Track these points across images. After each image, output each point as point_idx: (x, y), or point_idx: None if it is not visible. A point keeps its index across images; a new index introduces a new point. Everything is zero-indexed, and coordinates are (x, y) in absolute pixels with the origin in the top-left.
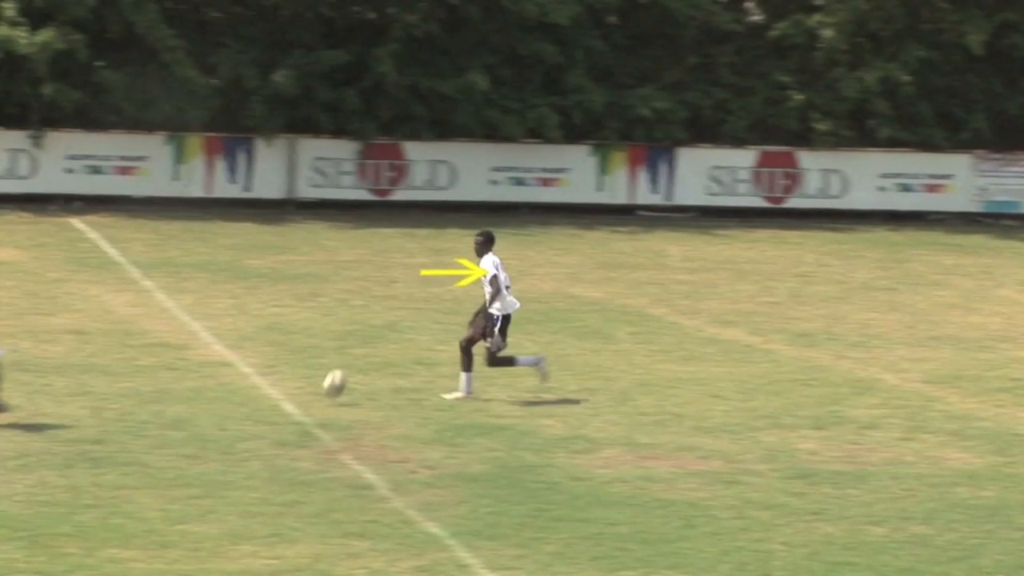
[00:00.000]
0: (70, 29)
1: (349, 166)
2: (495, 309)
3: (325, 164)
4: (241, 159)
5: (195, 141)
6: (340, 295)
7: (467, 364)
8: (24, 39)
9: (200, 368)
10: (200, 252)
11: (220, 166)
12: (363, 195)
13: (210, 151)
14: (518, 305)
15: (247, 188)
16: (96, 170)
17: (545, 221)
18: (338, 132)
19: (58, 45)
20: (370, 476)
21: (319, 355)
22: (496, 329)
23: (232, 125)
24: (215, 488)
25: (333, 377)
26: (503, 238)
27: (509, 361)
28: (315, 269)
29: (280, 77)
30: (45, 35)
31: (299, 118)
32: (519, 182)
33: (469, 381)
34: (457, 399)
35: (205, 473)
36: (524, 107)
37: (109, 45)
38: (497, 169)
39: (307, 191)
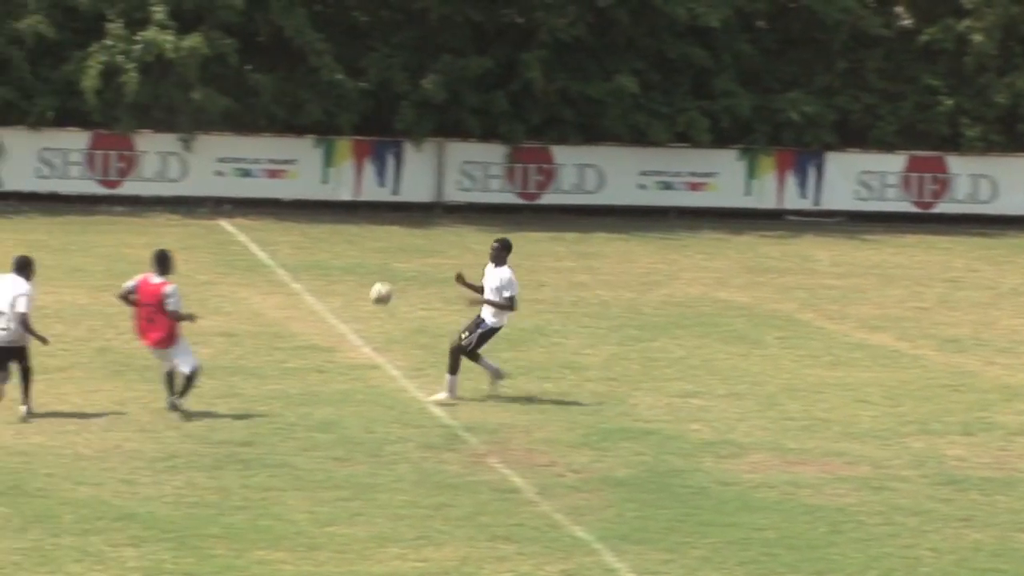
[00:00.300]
0: (219, 33)
1: (497, 170)
2: (491, 319)
3: (473, 168)
4: (390, 162)
5: (344, 144)
6: None
7: (454, 367)
8: (171, 44)
9: (348, 371)
10: (349, 255)
11: (369, 169)
12: (511, 199)
13: (359, 154)
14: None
15: (395, 191)
16: (246, 173)
17: (692, 225)
18: (486, 136)
19: (205, 50)
20: (517, 480)
21: (466, 359)
22: (478, 334)
23: (381, 129)
24: (363, 490)
25: (380, 290)
26: (650, 242)
27: (475, 357)
28: (463, 272)
29: (429, 82)
30: (193, 40)
31: (448, 122)
32: (667, 186)
33: (454, 384)
34: (441, 401)
35: (353, 475)
36: (673, 111)
37: (259, 48)
38: (645, 173)
39: (455, 195)
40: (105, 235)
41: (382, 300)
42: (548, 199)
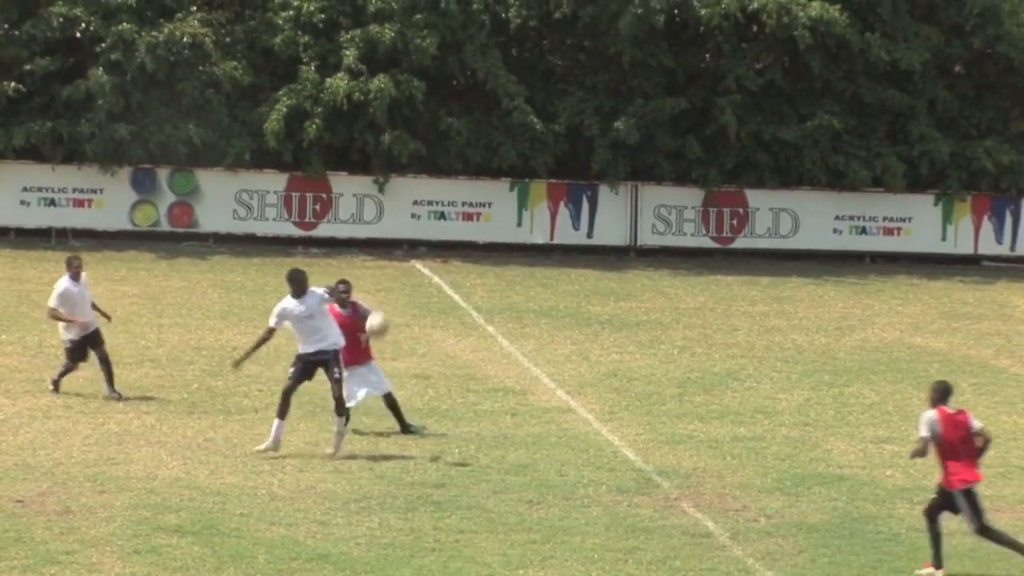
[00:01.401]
0: (409, 76)
1: (691, 213)
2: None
3: (667, 211)
4: (584, 205)
5: (539, 187)
6: (681, 342)
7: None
8: (357, 87)
9: (542, 414)
10: (542, 298)
11: (563, 212)
12: (705, 243)
13: (554, 197)
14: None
15: (590, 235)
16: (441, 216)
17: (887, 271)
18: (680, 179)
19: (392, 92)
20: (710, 524)
21: (660, 402)
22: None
23: (575, 172)
24: (555, 533)
25: (376, 319)
26: (845, 287)
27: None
28: (656, 316)
29: (622, 124)
30: (379, 82)
31: (641, 165)
32: (862, 231)
33: (280, 428)
34: (261, 451)
35: (545, 519)
36: (869, 155)
37: (453, 91)
38: (840, 218)
39: (649, 238)
40: None
41: (376, 333)
42: (742, 243)
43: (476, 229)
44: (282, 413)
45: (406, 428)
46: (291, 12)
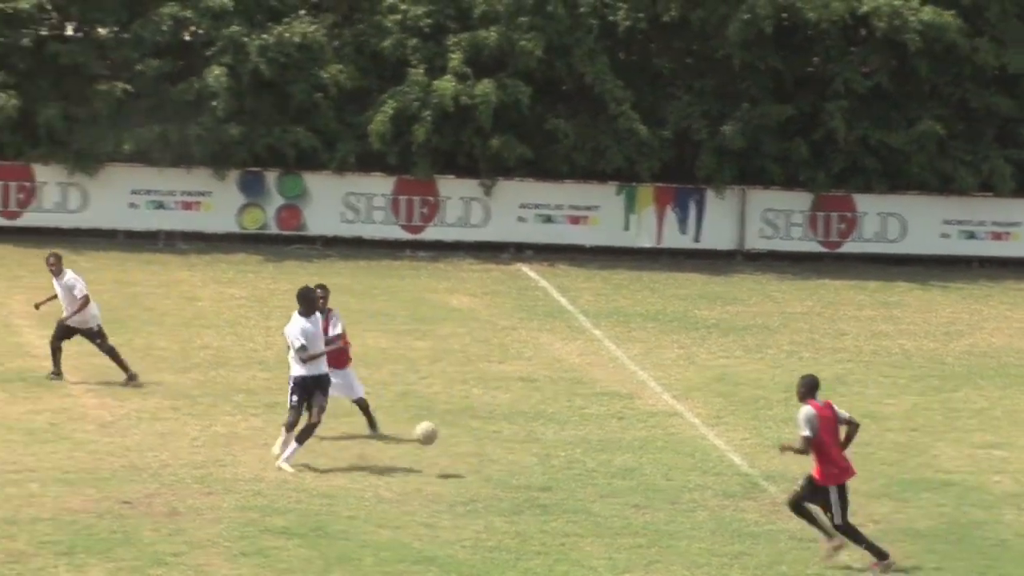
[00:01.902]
0: (514, 80)
1: (799, 218)
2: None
3: (775, 215)
4: (691, 209)
5: (646, 191)
6: (789, 347)
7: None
8: (462, 90)
9: (648, 418)
10: (649, 302)
11: (671, 216)
12: (813, 247)
13: (661, 201)
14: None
15: (697, 239)
16: (548, 219)
17: (995, 275)
18: (788, 183)
19: (494, 97)
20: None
21: (767, 407)
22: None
23: (682, 175)
24: (661, 538)
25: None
26: (952, 292)
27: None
28: (764, 320)
29: (728, 129)
30: (484, 86)
31: (749, 169)
32: (970, 235)
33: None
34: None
35: (651, 523)
36: (976, 159)
37: (561, 95)
38: (948, 222)
39: (756, 242)
40: (408, 280)
41: (427, 439)
42: (850, 247)
43: (583, 232)
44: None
45: (373, 427)
46: (399, 16)
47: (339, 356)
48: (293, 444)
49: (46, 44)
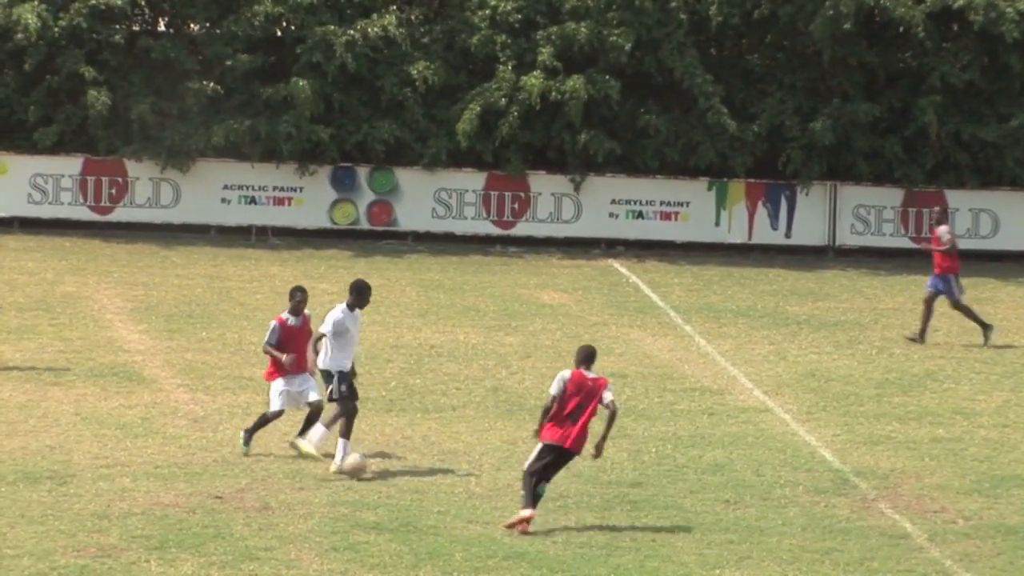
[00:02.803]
0: (603, 75)
1: (891, 214)
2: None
3: (866, 211)
4: (782, 205)
5: (737, 187)
6: (880, 343)
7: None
8: (551, 86)
9: (739, 413)
10: (740, 298)
11: (761, 212)
12: (904, 243)
13: (752, 197)
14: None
15: (788, 234)
16: (638, 215)
17: None
18: (880, 179)
19: (584, 92)
20: (907, 525)
21: (858, 403)
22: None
23: (773, 171)
24: (752, 534)
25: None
26: None
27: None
28: (855, 316)
29: (818, 126)
30: (573, 81)
31: (839, 165)
32: None
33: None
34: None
35: (742, 519)
36: None
37: (652, 90)
38: None
39: (848, 238)
40: (498, 275)
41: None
42: None
43: (674, 228)
44: (348, 433)
45: (302, 433)
46: (488, 11)
47: (302, 360)
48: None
49: (138, 40)
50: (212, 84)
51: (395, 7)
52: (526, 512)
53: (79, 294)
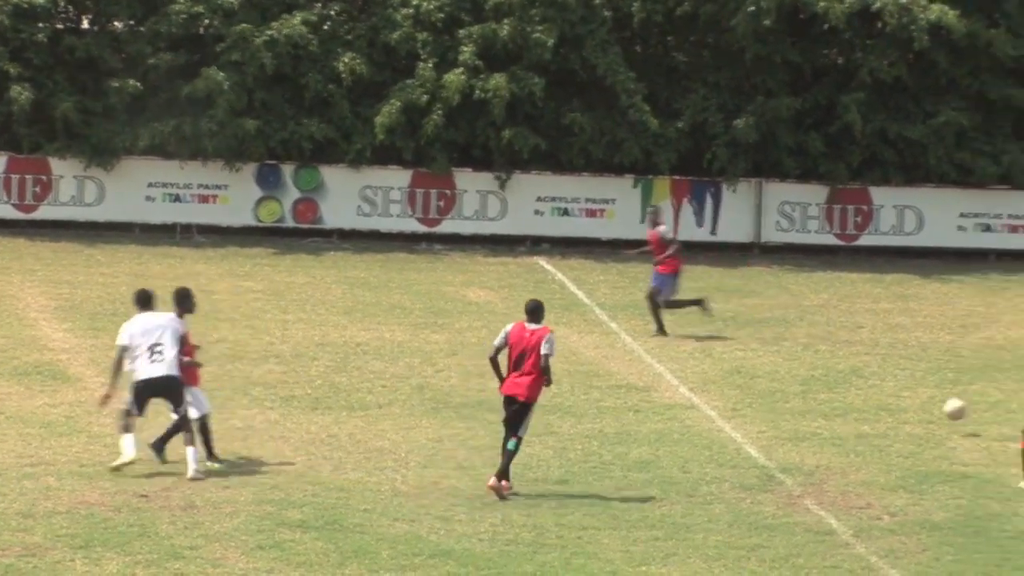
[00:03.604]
0: (528, 72)
1: (816, 210)
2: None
3: (791, 208)
4: (708, 202)
5: (663, 184)
6: (805, 339)
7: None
8: (475, 83)
9: (664, 410)
10: None
11: (687, 209)
12: (829, 240)
13: (677, 194)
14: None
15: (713, 231)
16: (564, 212)
17: (1012, 268)
18: (805, 176)
19: (505, 90)
20: (832, 521)
21: (783, 399)
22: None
23: (699, 168)
24: (677, 530)
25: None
26: (969, 285)
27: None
28: (780, 313)
29: (742, 123)
30: (496, 79)
31: (765, 162)
32: (987, 228)
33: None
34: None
35: (668, 515)
36: (995, 151)
37: (575, 87)
38: (964, 215)
39: (773, 235)
40: (424, 273)
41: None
42: (867, 240)
43: (599, 225)
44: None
45: (210, 453)
46: (411, 9)
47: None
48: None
49: (62, 38)
50: (135, 82)
51: (319, 4)
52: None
53: (3, 293)
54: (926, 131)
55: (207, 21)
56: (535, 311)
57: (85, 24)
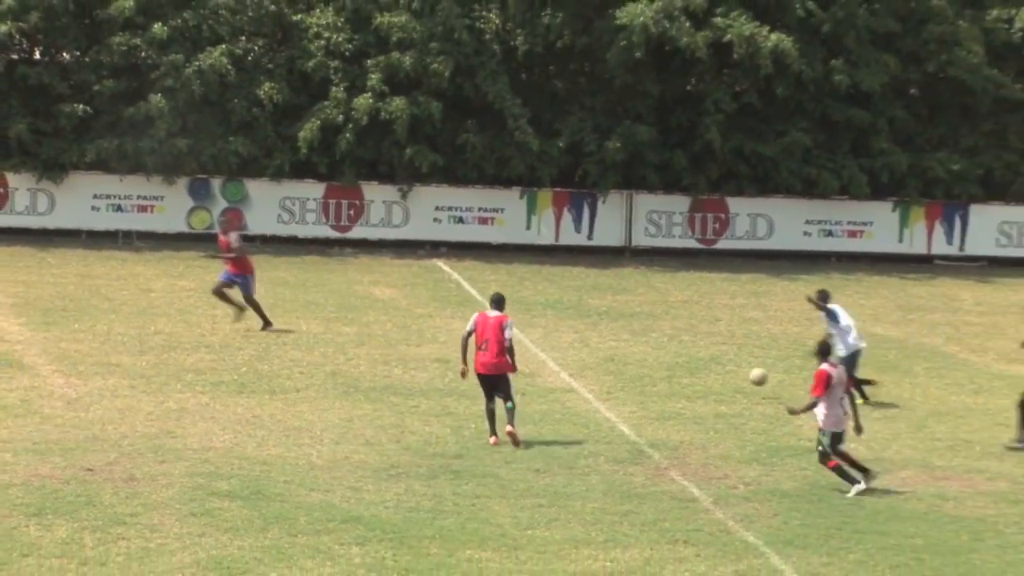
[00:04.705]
0: (428, 97)
1: (679, 218)
2: None
3: (658, 216)
4: (585, 211)
5: (545, 195)
6: (670, 331)
7: None
8: (381, 107)
9: (547, 393)
10: (548, 292)
11: (567, 217)
12: (691, 244)
13: (558, 204)
14: None
15: (590, 237)
16: (459, 220)
17: (850, 268)
18: (669, 188)
19: (408, 112)
20: (695, 491)
21: (651, 384)
22: None
23: (576, 182)
24: (559, 498)
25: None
26: (813, 284)
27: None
28: (648, 308)
29: (611, 144)
30: (399, 103)
31: (634, 176)
32: (829, 233)
33: None
34: None
35: (551, 485)
36: (836, 166)
37: (469, 110)
38: (809, 222)
39: (642, 240)
40: (336, 273)
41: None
42: (724, 244)
43: (490, 231)
44: None
45: None
46: (323, 41)
47: None
48: None
49: (16, 67)
50: (82, 106)
51: (243, 38)
52: (492, 440)
53: None
54: (778, 148)
55: (143, 52)
56: (498, 302)
57: (37, 55)
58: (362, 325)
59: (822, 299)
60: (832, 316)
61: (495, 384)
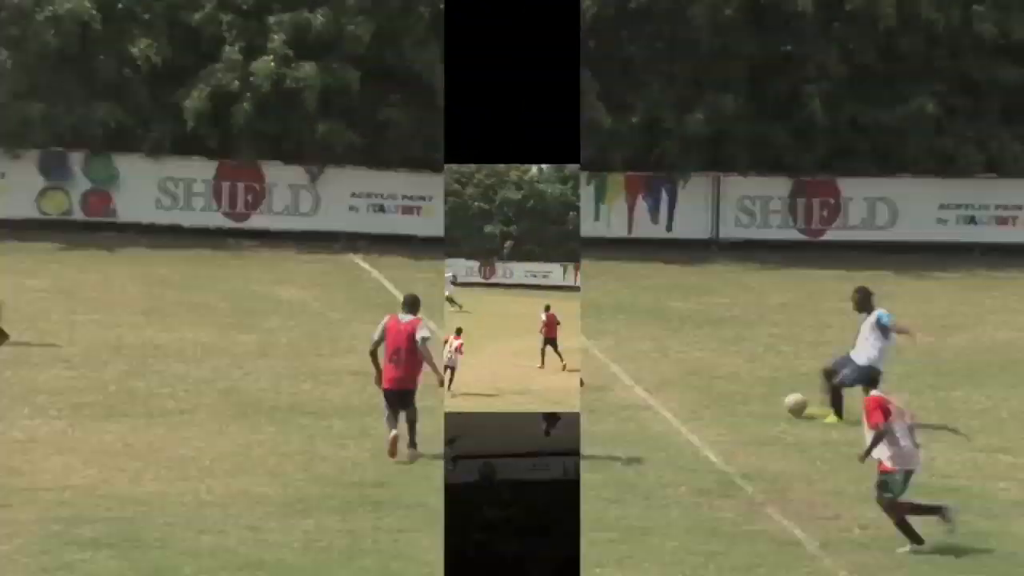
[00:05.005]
0: (344, 64)
1: (778, 204)
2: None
3: (751, 203)
4: (663, 198)
5: (617, 180)
6: (767, 340)
7: None
8: (286, 73)
9: (619, 411)
10: (620, 293)
11: (641, 206)
12: (793, 235)
13: (632, 190)
14: None
15: (669, 228)
16: (380, 208)
17: (999, 264)
18: (765, 169)
19: (316, 80)
20: (798, 532)
21: (743, 402)
22: None
23: (652, 164)
24: (633, 533)
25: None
26: (950, 282)
27: None
28: (740, 313)
29: (694, 117)
30: (308, 70)
31: (722, 156)
32: (971, 220)
33: None
34: None
35: (623, 518)
36: (981, 137)
37: (395, 82)
38: (945, 207)
39: (732, 231)
40: (231, 270)
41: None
42: (834, 235)
43: (417, 223)
44: None
45: None
46: None
47: None
48: None
49: None
50: None
51: None
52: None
53: None
54: (902, 117)
55: None
56: (412, 304)
57: None
58: (263, 332)
59: (863, 299)
60: (883, 327)
61: (402, 399)
